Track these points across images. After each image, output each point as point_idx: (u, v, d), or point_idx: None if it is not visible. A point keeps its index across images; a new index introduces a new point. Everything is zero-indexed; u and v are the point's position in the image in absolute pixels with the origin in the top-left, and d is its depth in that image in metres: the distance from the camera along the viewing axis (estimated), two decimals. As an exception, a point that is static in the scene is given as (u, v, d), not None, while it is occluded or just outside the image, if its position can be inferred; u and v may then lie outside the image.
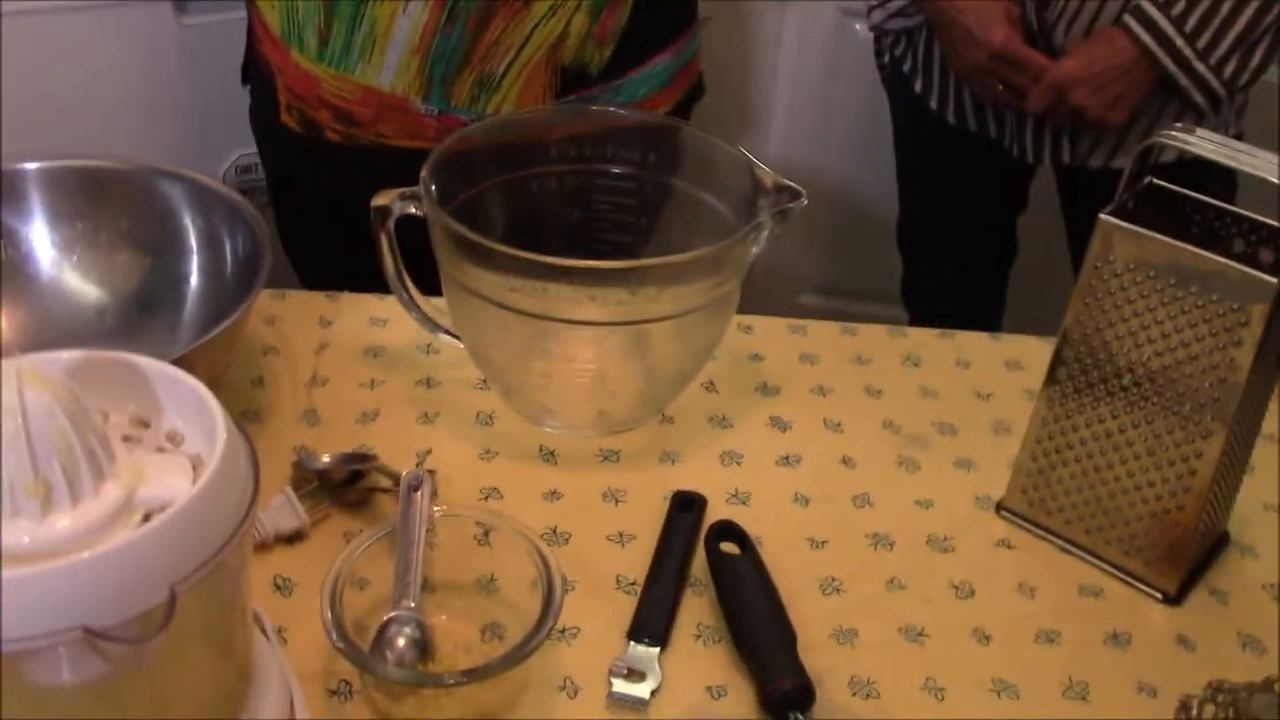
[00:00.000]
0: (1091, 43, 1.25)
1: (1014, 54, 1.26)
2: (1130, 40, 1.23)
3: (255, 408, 0.90)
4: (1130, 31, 1.23)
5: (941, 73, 1.40)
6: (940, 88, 1.41)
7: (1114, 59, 1.23)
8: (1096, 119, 1.26)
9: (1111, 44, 1.24)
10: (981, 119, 1.39)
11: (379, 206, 0.86)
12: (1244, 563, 0.84)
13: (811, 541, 0.83)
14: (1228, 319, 0.73)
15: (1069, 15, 1.26)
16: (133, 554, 0.54)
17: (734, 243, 0.82)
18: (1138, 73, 1.24)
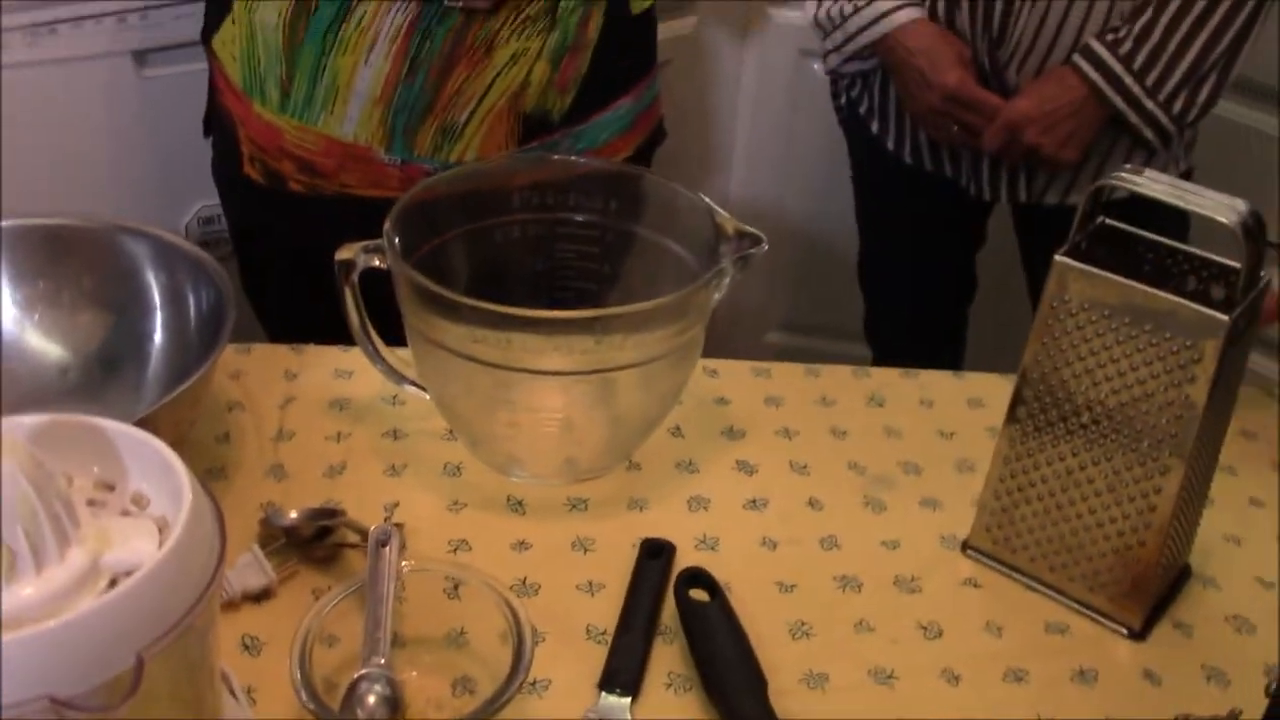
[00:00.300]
0: (1042, 82, 1.27)
1: (967, 95, 1.29)
2: (1080, 79, 1.25)
3: (221, 464, 0.90)
4: (1080, 70, 1.25)
5: (898, 114, 1.42)
6: (897, 128, 1.43)
7: (1065, 98, 1.26)
8: (1049, 157, 1.29)
9: (1062, 83, 1.26)
10: (938, 159, 1.41)
11: (343, 260, 0.86)
12: (1206, 595, 0.85)
13: (780, 585, 0.83)
14: (1182, 356, 0.74)
15: (1020, 55, 1.28)
16: (99, 621, 0.53)
17: (696, 289, 0.83)
18: (1088, 111, 1.26)
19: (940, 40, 1.30)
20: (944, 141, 1.37)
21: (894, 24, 1.32)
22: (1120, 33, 1.24)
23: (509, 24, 1.05)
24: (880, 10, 1.32)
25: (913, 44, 1.31)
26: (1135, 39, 1.23)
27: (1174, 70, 1.24)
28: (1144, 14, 1.23)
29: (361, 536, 0.81)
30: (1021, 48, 1.27)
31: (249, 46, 1.10)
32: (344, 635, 0.73)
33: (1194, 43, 1.23)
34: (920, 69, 1.30)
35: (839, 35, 1.37)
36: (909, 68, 1.32)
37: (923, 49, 1.30)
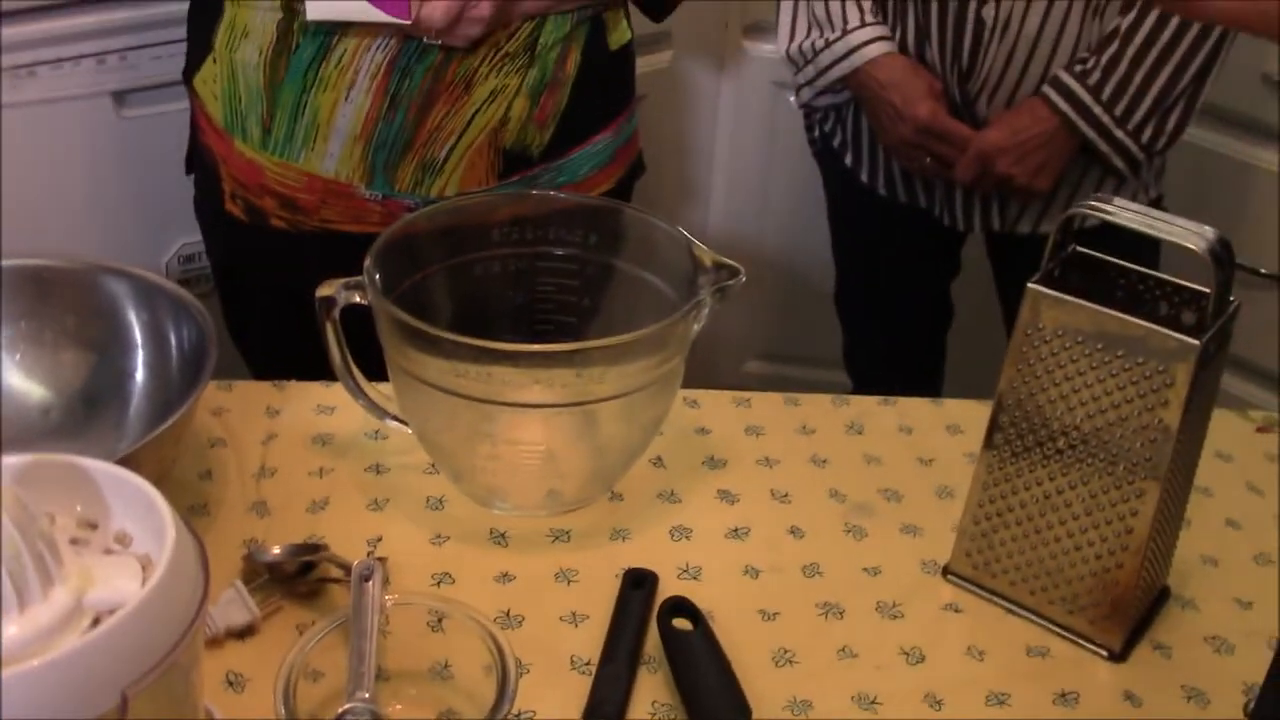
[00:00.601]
0: (1013, 113, 1.29)
1: (939, 127, 1.30)
2: (1050, 110, 1.27)
3: (204, 501, 0.90)
4: (1050, 101, 1.27)
5: (871, 146, 1.43)
6: (870, 161, 1.45)
7: (1036, 128, 1.28)
8: (1022, 187, 1.31)
9: (1033, 114, 1.28)
10: (911, 190, 1.43)
11: (324, 297, 0.87)
12: (1185, 616, 0.85)
13: (763, 613, 0.84)
14: (1154, 380, 0.75)
15: (990, 87, 1.30)
16: (83, 660, 0.54)
17: (675, 321, 0.84)
18: (1059, 141, 1.28)
19: (911, 73, 1.32)
20: (917, 173, 1.39)
21: (865, 58, 1.33)
22: (1088, 64, 1.26)
23: (488, 61, 1.07)
24: (851, 44, 1.34)
25: (884, 77, 1.32)
26: (1103, 69, 1.25)
27: (1142, 99, 1.26)
28: (1111, 45, 1.25)
29: (344, 571, 0.81)
30: (991, 79, 1.29)
31: (230, 85, 1.10)
32: (328, 670, 0.73)
33: (1160, 72, 1.25)
34: (892, 102, 1.32)
35: (811, 70, 1.39)
36: (881, 101, 1.33)
37: (894, 82, 1.32)
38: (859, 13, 1.34)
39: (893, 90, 1.31)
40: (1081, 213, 0.77)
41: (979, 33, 1.27)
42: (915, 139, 1.32)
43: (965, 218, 1.40)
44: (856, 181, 1.47)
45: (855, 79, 1.35)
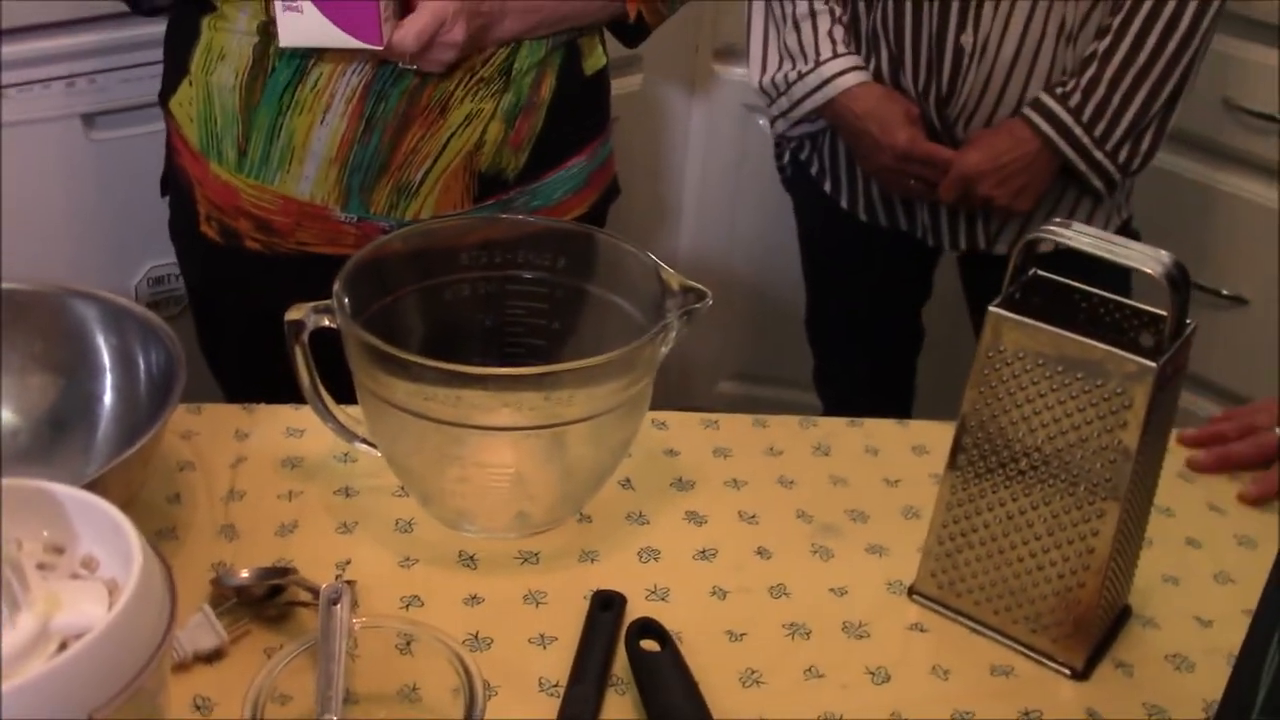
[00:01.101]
0: (994, 135, 1.31)
1: (920, 153, 1.32)
2: (1032, 132, 1.29)
3: (172, 525, 0.90)
4: (1031, 123, 1.29)
5: (850, 172, 1.45)
6: (850, 187, 1.46)
7: (1018, 150, 1.30)
8: (1004, 207, 1.32)
9: (1014, 136, 1.30)
10: (892, 214, 1.44)
11: (293, 320, 0.87)
12: (1146, 634, 0.86)
13: (730, 634, 0.84)
14: (1113, 402, 0.76)
15: (968, 111, 1.32)
16: (49, 685, 0.54)
17: (642, 345, 0.85)
18: (1041, 162, 1.30)
19: (887, 101, 1.33)
20: (901, 195, 1.40)
21: (839, 88, 1.35)
22: (1068, 85, 1.28)
23: (463, 85, 1.08)
24: (825, 75, 1.35)
25: (860, 108, 1.34)
26: (1083, 91, 1.27)
27: (1119, 121, 1.28)
28: (1089, 68, 1.27)
29: (313, 594, 0.82)
30: (969, 104, 1.31)
31: (206, 108, 1.11)
32: (297, 693, 0.73)
33: (1136, 95, 1.28)
34: (870, 131, 1.33)
35: (785, 101, 1.40)
36: (859, 131, 1.35)
37: (870, 112, 1.33)
38: (831, 43, 1.35)
39: (869, 119, 1.33)
40: (1040, 237, 0.78)
41: (958, 59, 1.29)
42: (896, 165, 1.33)
43: (951, 236, 1.41)
44: (835, 208, 1.48)
45: (831, 109, 1.36)
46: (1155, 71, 1.27)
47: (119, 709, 0.55)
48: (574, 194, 1.20)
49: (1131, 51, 1.26)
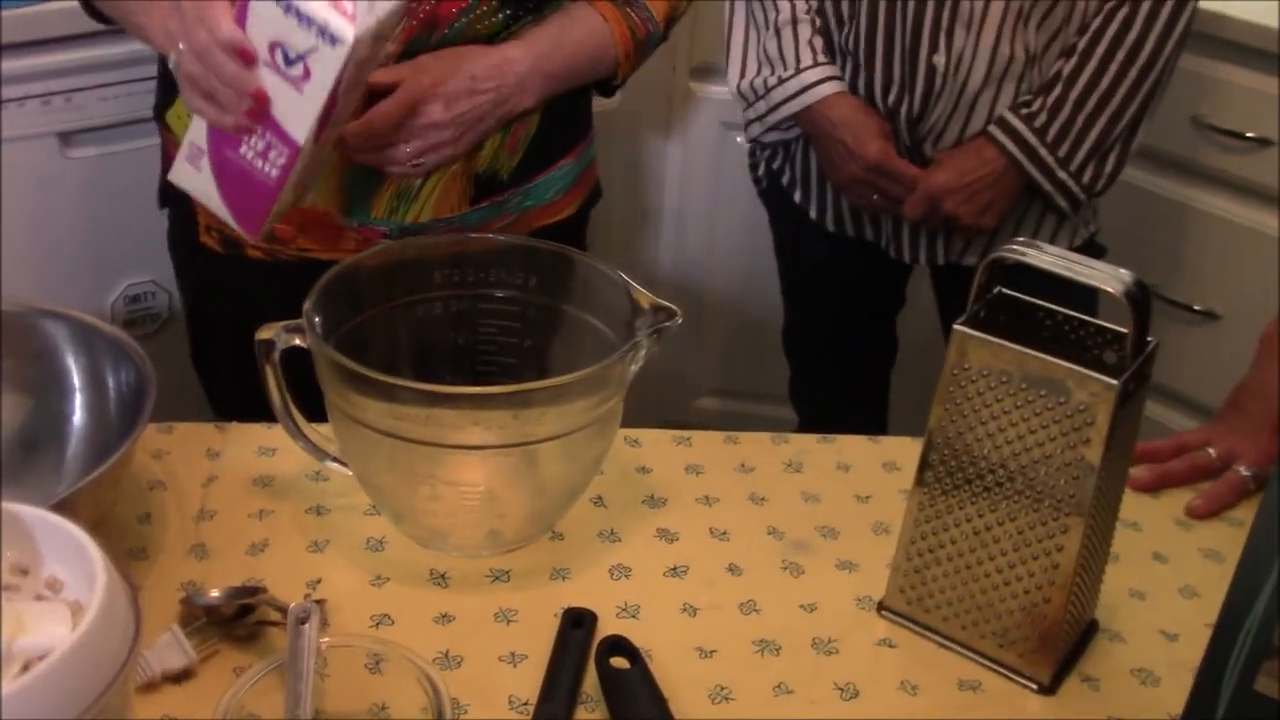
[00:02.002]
0: (960, 154, 1.32)
1: (889, 167, 1.33)
2: (998, 151, 1.31)
3: (142, 545, 0.90)
4: (997, 142, 1.30)
5: (820, 183, 1.46)
6: (819, 198, 1.47)
7: (983, 170, 1.31)
8: (969, 225, 1.33)
9: (980, 155, 1.31)
10: (859, 225, 1.46)
11: (263, 340, 0.87)
12: (1113, 649, 0.87)
13: (700, 651, 0.85)
14: (1076, 419, 0.77)
15: (938, 130, 1.33)
16: (12, 706, 0.54)
17: (612, 363, 0.85)
18: (1005, 181, 1.32)
19: (862, 113, 1.34)
20: (865, 210, 1.42)
21: (817, 96, 1.36)
22: (1033, 106, 1.29)
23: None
24: (804, 83, 1.36)
25: (835, 116, 1.35)
26: (1049, 112, 1.29)
27: (1083, 142, 1.30)
28: (1054, 89, 1.29)
29: (283, 614, 0.82)
30: (939, 123, 1.33)
31: None
32: (265, 713, 0.73)
33: (1100, 116, 1.29)
34: (843, 141, 1.34)
35: (762, 105, 1.41)
36: (832, 140, 1.36)
37: (845, 121, 1.34)
38: (811, 52, 1.36)
39: (844, 129, 1.34)
40: (1004, 257, 0.79)
41: (930, 79, 1.30)
42: (865, 177, 1.34)
43: (912, 250, 1.43)
44: (805, 218, 1.49)
45: (807, 116, 1.37)
46: (1118, 96, 1.29)
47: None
48: (564, 194, 1.21)
49: (1095, 75, 1.28)
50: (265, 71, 0.88)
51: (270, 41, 0.87)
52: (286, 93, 0.88)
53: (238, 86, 0.88)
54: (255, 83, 0.88)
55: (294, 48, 0.86)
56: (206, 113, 0.91)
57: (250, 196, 0.93)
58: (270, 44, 0.87)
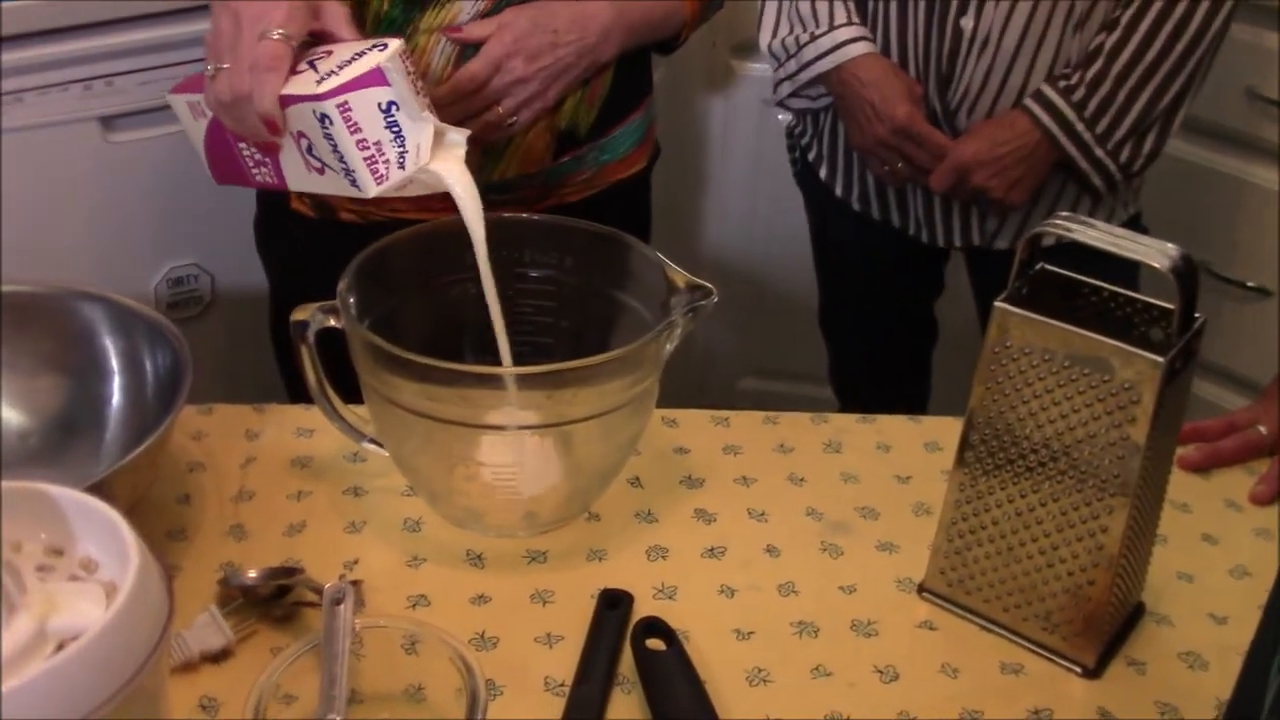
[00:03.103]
0: (993, 125, 1.29)
1: (916, 130, 1.30)
2: (1032, 124, 1.27)
3: (181, 525, 0.90)
4: (1032, 115, 1.27)
5: (846, 160, 1.44)
6: (845, 174, 1.45)
7: (1016, 142, 1.28)
8: (998, 200, 1.31)
9: (1013, 128, 1.28)
10: (885, 206, 1.43)
11: (298, 321, 0.87)
12: (1159, 632, 0.85)
13: (738, 633, 0.84)
14: (1121, 398, 0.75)
15: (970, 99, 1.30)
16: (45, 686, 0.54)
17: (647, 342, 0.84)
18: (1038, 156, 1.28)
19: (892, 74, 1.32)
20: (887, 180, 1.38)
21: (847, 55, 1.33)
22: (1073, 79, 1.26)
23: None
24: (837, 40, 1.34)
25: (865, 75, 1.32)
26: (1088, 86, 1.25)
27: (1123, 120, 1.27)
28: (1095, 62, 1.25)
29: (319, 594, 0.82)
30: (971, 91, 1.30)
31: None
32: (301, 693, 0.73)
33: (1142, 93, 1.25)
34: (871, 101, 1.32)
35: (792, 64, 1.39)
36: (859, 99, 1.33)
37: (874, 81, 1.31)
38: (845, 11, 1.34)
39: (872, 89, 1.31)
40: (1046, 231, 0.77)
41: (957, 43, 1.27)
42: (891, 140, 1.31)
43: (945, 234, 1.40)
44: (833, 198, 1.47)
45: (836, 75, 1.35)
46: (1162, 71, 1.25)
47: (116, 710, 0.56)
48: (635, 149, 1.23)
49: (1140, 48, 1.24)
50: (288, 138, 0.86)
51: (300, 131, 0.85)
52: (298, 160, 0.87)
53: (254, 139, 0.87)
54: (275, 145, 0.87)
55: (320, 156, 0.85)
56: (220, 117, 0.89)
57: (230, 171, 0.92)
58: (299, 132, 0.85)
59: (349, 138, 0.81)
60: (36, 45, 1.39)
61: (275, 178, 0.89)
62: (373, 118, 0.82)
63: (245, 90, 0.83)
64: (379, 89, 0.81)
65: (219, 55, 0.85)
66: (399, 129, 0.82)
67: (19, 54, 1.38)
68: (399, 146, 0.82)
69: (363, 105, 0.81)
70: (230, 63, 0.84)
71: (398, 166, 0.83)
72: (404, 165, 0.83)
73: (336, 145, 0.82)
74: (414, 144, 0.83)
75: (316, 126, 0.82)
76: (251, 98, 0.83)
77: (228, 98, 0.84)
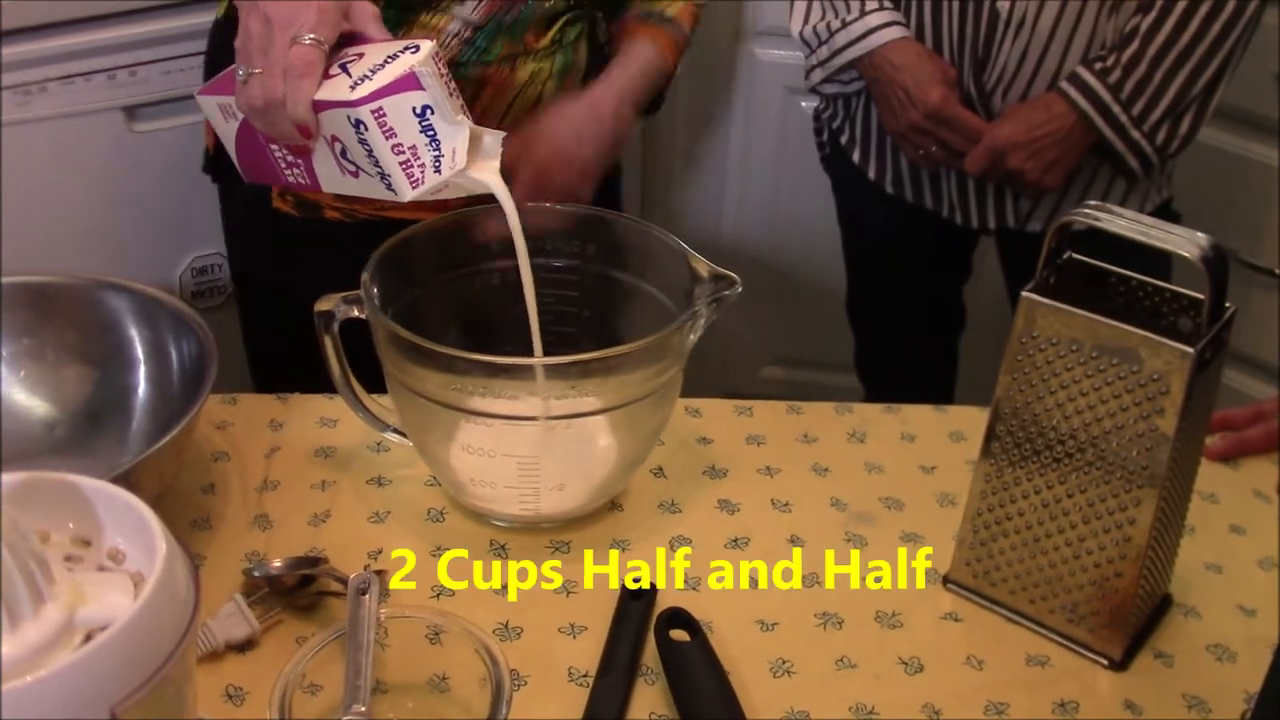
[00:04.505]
0: (1028, 108, 1.28)
1: (950, 114, 1.29)
2: (1068, 106, 1.26)
3: (206, 515, 0.90)
4: (1068, 97, 1.26)
5: (879, 142, 1.43)
6: (878, 158, 1.44)
7: (1051, 125, 1.27)
8: (1033, 183, 1.30)
9: (1049, 110, 1.27)
10: (918, 189, 1.42)
11: (322, 311, 0.87)
12: (1187, 624, 0.85)
13: (762, 624, 0.84)
14: (1149, 388, 0.75)
15: (1005, 82, 1.29)
16: (72, 677, 0.54)
17: (671, 332, 0.84)
18: (1074, 138, 1.28)
19: (926, 58, 1.31)
20: (922, 164, 1.38)
21: (881, 40, 1.33)
22: (1108, 61, 1.25)
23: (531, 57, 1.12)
24: (869, 26, 1.33)
25: (898, 60, 1.31)
26: (1124, 68, 1.24)
27: (1159, 101, 1.25)
28: (1131, 44, 1.24)
29: (343, 584, 0.82)
30: (1006, 74, 1.29)
31: None
32: (326, 683, 0.74)
33: (1178, 74, 1.24)
34: (904, 85, 1.31)
35: (824, 50, 1.38)
36: (893, 84, 1.32)
37: (908, 65, 1.31)
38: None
39: (906, 73, 1.30)
40: (1075, 220, 0.77)
41: (993, 25, 1.26)
42: (924, 124, 1.31)
43: (979, 214, 1.39)
44: (865, 181, 1.46)
45: (869, 61, 1.34)
46: (1199, 52, 1.24)
47: (143, 700, 0.56)
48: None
49: (1176, 30, 1.23)
50: (321, 141, 0.85)
51: (334, 135, 0.84)
52: (331, 163, 0.86)
53: (287, 141, 0.87)
54: (307, 148, 0.86)
55: (354, 160, 0.84)
56: (253, 120, 0.87)
57: (262, 172, 0.91)
58: (333, 136, 0.84)
59: (384, 143, 0.81)
60: (61, 35, 1.40)
61: (308, 179, 0.88)
62: (408, 122, 0.81)
63: (278, 96, 0.82)
64: (414, 93, 0.80)
65: (249, 59, 0.84)
66: (434, 133, 0.82)
67: (43, 44, 1.39)
68: (434, 151, 0.82)
69: (397, 110, 0.80)
70: (262, 67, 0.83)
71: (434, 170, 0.82)
72: (439, 169, 0.82)
73: (371, 150, 0.81)
74: (449, 148, 0.82)
75: (351, 131, 0.81)
76: (285, 103, 0.82)
77: (260, 103, 0.83)
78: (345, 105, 0.80)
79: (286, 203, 1.16)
